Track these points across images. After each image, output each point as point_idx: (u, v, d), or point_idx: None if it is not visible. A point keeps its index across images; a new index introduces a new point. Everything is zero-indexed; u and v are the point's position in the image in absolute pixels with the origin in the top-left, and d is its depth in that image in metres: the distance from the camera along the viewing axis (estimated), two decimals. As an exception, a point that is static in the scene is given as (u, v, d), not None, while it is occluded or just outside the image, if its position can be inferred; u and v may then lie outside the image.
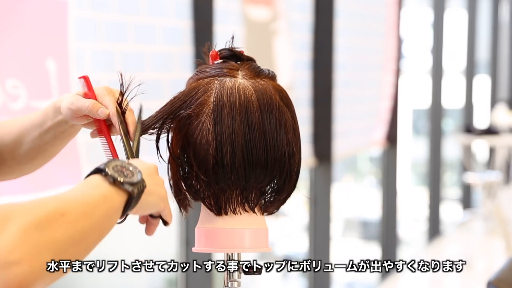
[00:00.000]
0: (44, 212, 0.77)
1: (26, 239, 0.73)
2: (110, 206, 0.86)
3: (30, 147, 1.14)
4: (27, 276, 0.73)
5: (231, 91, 1.04)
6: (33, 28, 1.80)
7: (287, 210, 6.73)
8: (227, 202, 1.05)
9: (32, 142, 1.13)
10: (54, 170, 1.83)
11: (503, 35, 9.10)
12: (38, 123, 1.12)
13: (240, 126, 1.02)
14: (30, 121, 1.13)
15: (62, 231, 0.77)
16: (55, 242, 0.76)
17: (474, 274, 5.07)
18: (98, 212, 0.83)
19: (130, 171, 0.90)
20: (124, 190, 0.88)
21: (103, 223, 0.84)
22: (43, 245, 0.75)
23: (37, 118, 1.12)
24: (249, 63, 1.10)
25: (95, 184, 0.87)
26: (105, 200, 0.85)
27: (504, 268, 1.86)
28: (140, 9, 2.23)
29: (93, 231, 0.83)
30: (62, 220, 0.78)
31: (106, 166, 0.88)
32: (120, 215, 0.89)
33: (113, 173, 0.87)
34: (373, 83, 4.53)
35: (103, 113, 1.06)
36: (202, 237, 1.07)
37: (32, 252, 0.73)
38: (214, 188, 1.04)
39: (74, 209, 0.80)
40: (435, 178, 6.36)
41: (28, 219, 0.75)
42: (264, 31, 3.10)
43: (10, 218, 0.74)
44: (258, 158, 1.03)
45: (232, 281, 1.07)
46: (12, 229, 0.73)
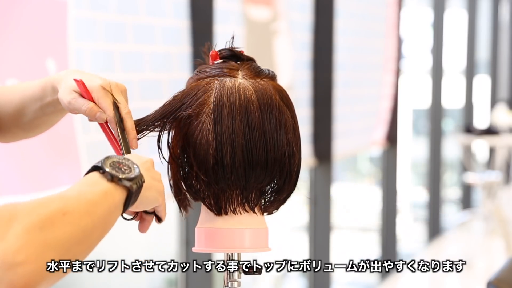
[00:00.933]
0: (48, 212, 0.77)
1: (30, 240, 0.73)
2: (111, 203, 0.86)
3: (33, 117, 1.15)
4: (33, 277, 0.73)
5: (231, 91, 1.04)
6: (32, 28, 1.80)
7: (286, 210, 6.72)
8: (227, 202, 1.05)
9: (35, 113, 1.14)
10: (54, 170, 1.83)
11: (503, 35, 9.10)
12: (38, 97, 1.12)
13: (240, 126, 1.02)
14: (29, 94, 1.13)
15: (66, 230, 0.78)
16: (59, 241, 0.77)
17: (474, 274, 5.07)
18: (100, 210, 0.84)
19: (127, 167, 0.90)
20: (123, 186, 0.88)
21: (105, 220, 0.85)
22: (48, 245, 0.75)
23: (36, 91, 1.13)
24: (249, 63, 1.10)
25: (94, 181, 0.87)
26: (105, 197, 0.85)
27: (504, 268, 1.86)
28: (139, 9, 2.23)
29: (96, 229, 0.83)
30: (66, 219, 0.78)
31: (103, 164, 0.88)
32: (121, 211, 0.89)
33: (111, 170, 0.88)
34: (373, 83, 4.52)
35: (101, 118, 1.06)
36: (202, 237, 1.07)
37: (37, 252, 0.73)
38: (214, 188, 1.04)
39: (76, 207, 0.80)
40: (435, 178, 6.36)
41: (32, 219, 0.75)
42: (264, 31, 3.10)
43: (14, 218, 0.74)
44: (258, 158, 1.03)
45: (232, 281, 1.07)
46: (17, 230, 0.73)
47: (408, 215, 7.49)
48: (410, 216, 7.53)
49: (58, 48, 1.88)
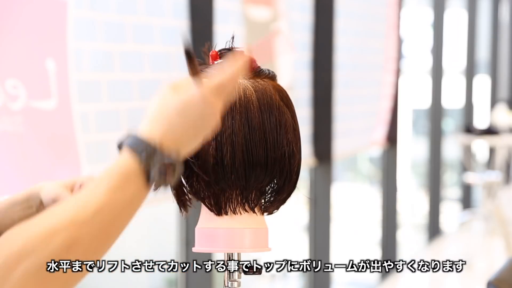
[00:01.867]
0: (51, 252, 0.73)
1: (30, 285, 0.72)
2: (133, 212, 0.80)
3: None
4: None
5: None
6: (32, 28, 1.80)
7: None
8: (227, 202, 1.04)
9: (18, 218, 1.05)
10: (54, 169, 1.83)
11: (503, 35, 9.10)
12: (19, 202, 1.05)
13: (240, 126, 1.02)
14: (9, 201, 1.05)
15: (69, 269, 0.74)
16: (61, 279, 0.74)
17: (474, 274, 5.07)
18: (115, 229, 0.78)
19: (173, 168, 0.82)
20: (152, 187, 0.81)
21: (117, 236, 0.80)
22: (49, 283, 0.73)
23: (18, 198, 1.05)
24: (249, 63, 1.10)
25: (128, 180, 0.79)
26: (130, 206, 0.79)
27: (504, 268, 1.86)
28: (138, 10, 2.23)
29: (104, 249, 0.79)
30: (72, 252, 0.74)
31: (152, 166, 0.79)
32: None
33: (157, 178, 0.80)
34: (373, 83, 4.52)
35: None
36: (202, 237, 1.07)
37: None
38: (214, 188, 1.04)
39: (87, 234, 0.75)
40: (435, 178, 6.36)
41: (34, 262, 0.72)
42: (265, 31, 3.10)
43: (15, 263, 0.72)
44: (258, 158, 1.03)
45: (232, 281, 1.07)
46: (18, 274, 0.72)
47: (408, 215, 7.49)
48: (410, 216, 7.53)
49: (57, 48, 1.88)
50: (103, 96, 2.05)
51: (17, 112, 1.74)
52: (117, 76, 2.11)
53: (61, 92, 1.88)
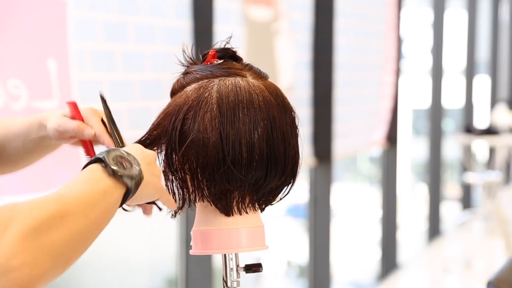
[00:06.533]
0: (44, 216, 0.76)
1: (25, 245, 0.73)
2: (109, 202, 0.86)
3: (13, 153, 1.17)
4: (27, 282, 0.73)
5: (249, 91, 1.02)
6: (33, 28, 1.80)
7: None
8: (237, 202, 1.04)
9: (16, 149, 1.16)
10: (54, 170, 1.83)
11: (503, 35, 9.10)
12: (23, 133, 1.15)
13: (264, 127, 1.01)
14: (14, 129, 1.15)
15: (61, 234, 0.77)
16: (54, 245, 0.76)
17: (474, 274, 5.07)
18: (97, 211, 0.83)
19: (129, 162, 0.90)
20: (123, 183, 0.88)
21: (102, 220, 0.85)
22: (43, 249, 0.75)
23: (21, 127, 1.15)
24: (248, 64, 1.10)
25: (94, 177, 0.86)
26: (104, 196, 0.85)
27: (504, 268, 1.86)
28: (140, 9, 2.24)
29: (91, 230, 0.83)
30: (62, 223, 0.78)
31: (106, 157, 0.88)
32: (117, 208, 0.89)
33: (113, 165, 0.88)
34: (373, 83, 4.53)
35: (89, 134, 1.10)
36: (198, 239, 1.06)
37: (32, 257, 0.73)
38: (222, 188, 1.02)
39: (73, 210, 0.80)
40: (435, 178, 6.37)
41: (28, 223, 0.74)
42: (265, 31, 3.10)
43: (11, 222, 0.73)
44: (279, 157, 1.02)
45: (232, 281, 1.07)
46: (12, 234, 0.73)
47: (408, 215, 7.49)
48: (410, 216, 7.53)
49: (58, 48, 1.89)
50: (104, 96, 2.05)
51: (19, 112, 1.74)
52: (119, 76, 2.11)
53: (63, 92, 1.88)
